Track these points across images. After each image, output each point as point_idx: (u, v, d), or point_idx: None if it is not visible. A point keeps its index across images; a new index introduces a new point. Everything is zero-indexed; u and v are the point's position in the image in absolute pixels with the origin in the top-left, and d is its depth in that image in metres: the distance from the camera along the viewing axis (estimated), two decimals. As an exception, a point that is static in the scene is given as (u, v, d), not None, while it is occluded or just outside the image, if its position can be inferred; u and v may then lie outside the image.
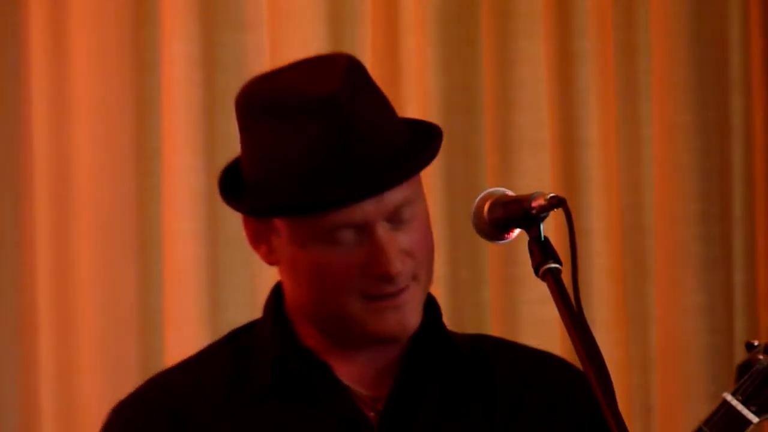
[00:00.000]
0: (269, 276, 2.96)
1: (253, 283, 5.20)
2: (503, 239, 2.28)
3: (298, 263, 2.38)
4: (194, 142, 5.34)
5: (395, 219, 2.29)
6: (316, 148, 2.28)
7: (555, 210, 2.20)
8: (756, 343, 3.05)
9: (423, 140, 2.38)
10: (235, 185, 2.41)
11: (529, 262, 2.21)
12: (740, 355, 3.32)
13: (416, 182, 2.35)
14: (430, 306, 2.42)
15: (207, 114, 5.36)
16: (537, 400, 2.43)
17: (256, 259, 2.58)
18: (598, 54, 5.52)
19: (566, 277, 2.17)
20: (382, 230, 2.26)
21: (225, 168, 2.46)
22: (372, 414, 2.38)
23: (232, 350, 2.53)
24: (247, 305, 5.07)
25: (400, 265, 2.25)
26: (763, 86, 5.56)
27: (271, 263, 2.45)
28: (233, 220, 3.36)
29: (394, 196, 2.24)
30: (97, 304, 5.37)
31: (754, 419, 2.92)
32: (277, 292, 2.51)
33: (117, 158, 5.53)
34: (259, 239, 2.40)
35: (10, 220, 5.45)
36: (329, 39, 5.54)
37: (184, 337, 5.15)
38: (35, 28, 5.45)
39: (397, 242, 2.28)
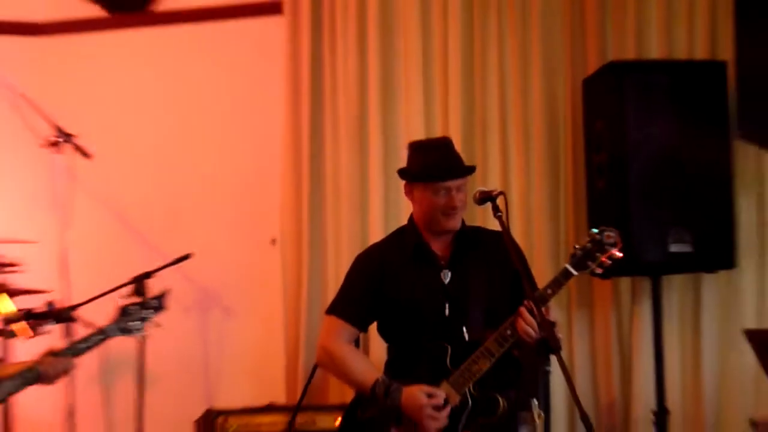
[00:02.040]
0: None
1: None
2: None
3: (422, 201, 4.95)
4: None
5: (458, 189, 4.87)
6: (439, 158, 5.01)
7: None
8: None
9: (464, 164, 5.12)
10: (402, 173, 5.08)
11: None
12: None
13: (466, 178, 4.99)
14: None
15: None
16: (497, 254, 4.88)
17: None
18: None
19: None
20: (454, 192, 4.84)
21: (401, 169, 5.12)
22: (443, 263, 5.01)
23: (398, 237, 5.26)
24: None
25: (457, 204, 4.84)
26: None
27: (410, 200, 5.06)
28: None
29: (459, 181, 4.89)
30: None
31: (574, 272, 4.71)
32: (412, 215, 5.12)
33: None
34: (408, 191, 5.03)
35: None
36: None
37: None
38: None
39: (457, 197, 4.84)
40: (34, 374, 4.44)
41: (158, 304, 4.82)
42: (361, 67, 6.90)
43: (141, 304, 4.74)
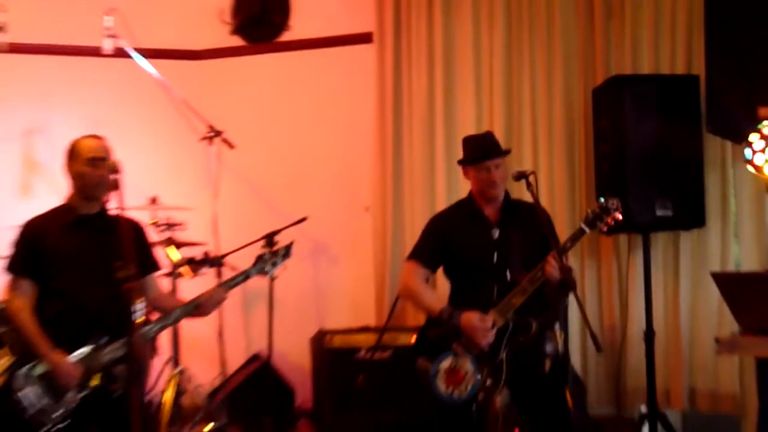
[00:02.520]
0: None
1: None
2: None
3: (473, 178, 5.17)
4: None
5: (496, 167, 5.07)
6: (480, 145, 5.20)
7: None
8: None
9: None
10: (460, 161, 5.29)
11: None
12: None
13: (501, 159, 5.13)
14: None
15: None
16: (531, 218, 4.98)
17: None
18: None
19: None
20: (493, 169, 5.07)
21: (460, 160, 5.28)
22: (493, 223, 5.11)
23: (459, 205, 5.40)
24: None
25: (495, 177, 5.05)
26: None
27: (468, 179, 5.23)
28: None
29: (496, 160, 5.10)
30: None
31: (587, 229, 4.93)
32: (471, 190, 5.22)
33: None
34: (465, 173, 5.24)
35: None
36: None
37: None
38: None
39: (496, 173, 5.06)
40: (195, 305, 4.72)
41: (286, 252, 5.02)
42: (429, 82, 7.07)
43: (272, 253, 4.93)
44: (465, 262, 5.20)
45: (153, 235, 6.30)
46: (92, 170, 4.65)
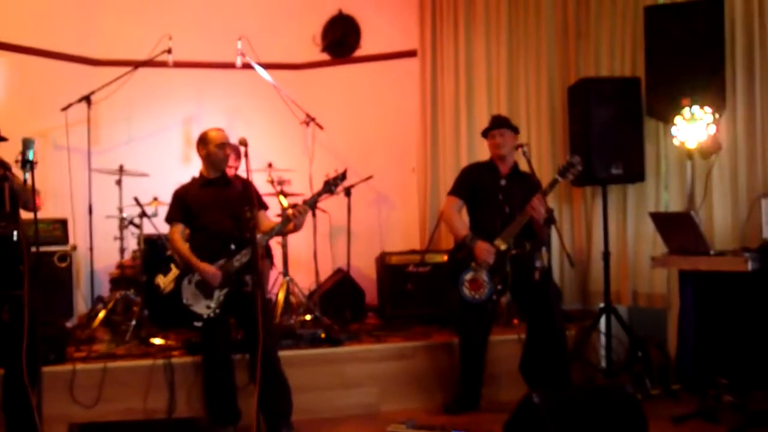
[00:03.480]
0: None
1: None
2: None
3: (488, 143, 5.14)
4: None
5: (500, 135, 5.08)
6: (492, 121, 5.17)
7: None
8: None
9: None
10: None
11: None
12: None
13: (503, 129, 5.12)
14: None
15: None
16: (527, 176, 4.99)
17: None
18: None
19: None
20: (498, 136, 5.08)
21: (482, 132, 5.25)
22: (503, 176, 5.09)
23: (481, 163, 5.31)
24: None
25: (499, 141, 5.05)
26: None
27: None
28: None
29: (501, 130, 5.12)
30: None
31: (560, 178, 4.95)
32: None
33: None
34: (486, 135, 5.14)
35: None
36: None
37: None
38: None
39: (500, 139, 5.07)
40: (287, 219, 4.70)
41: (342, 177, 4.84)
42: (455, 82, 7.00)
43: (334, 178, 4.79)
44: (482, 199, 5.20)
45: (269, 188, 6.42)
46: (218, 151, 4.92)
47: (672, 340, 5.73)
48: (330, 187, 4.78)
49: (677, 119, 5.39)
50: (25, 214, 4.11)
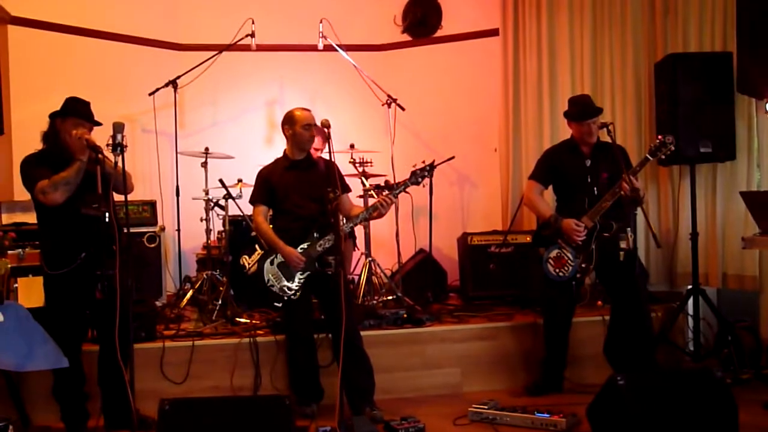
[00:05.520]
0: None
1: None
2: None
3: (576, 129, 5.08)
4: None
5: (593, 122, 4.95)
6: (583, 106, 5.06)
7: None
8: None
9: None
10: (566, 114, 5.15)
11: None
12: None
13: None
14: None
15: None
16: (613, 153, 4.86)
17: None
18: None
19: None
20: (591, 124, 4.97)
21: (565, 112, 5.19)
22: (587, 155, 5.03)
23: (563, 144, 5.24)
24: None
25: (593, 130, 4.96)
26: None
27: (570, 128, 5.13)
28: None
29: (595, 118, 4.98)
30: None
31: (650, 157, 4.85)
32: (572, 135, 5.14)
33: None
34: (569, 124, 5.11)
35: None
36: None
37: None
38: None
39: (593, 126, 4.97)
40: (374, 207, 4.73)
41: (430, 168, 4.84)
42: (538, 61, 6.89)
43: (421, 169, 4.78)
44: (567, 181, 5.16)
45: (351, 169, 6.48)
46: (305, 132, 4.89)
47: (764, 323, 5.61)
48: (416, 178, 4.78)
49: (771, 95, 5.24)
50: (116, 197, 4.25)
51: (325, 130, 4.49)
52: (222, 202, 6.14)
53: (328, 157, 4.62)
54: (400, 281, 6.41)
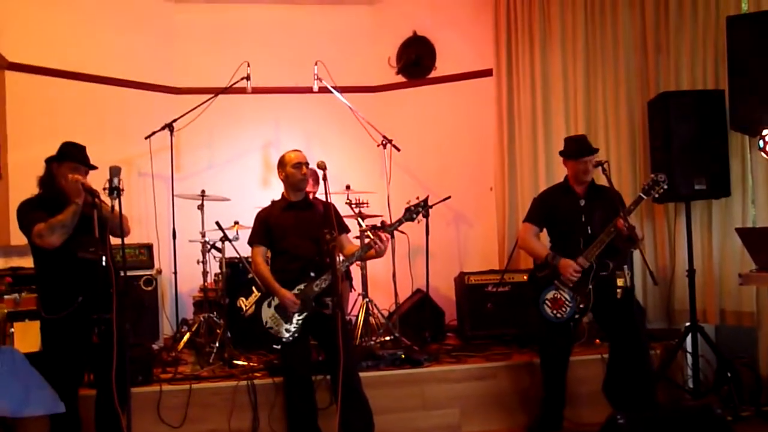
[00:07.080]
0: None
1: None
2: None
3: (571, 168, 5.03)
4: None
5: (589, 161, 4.90)
6: (579, 145, 5.05)
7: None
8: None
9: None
10: (561, 153, 5.13)
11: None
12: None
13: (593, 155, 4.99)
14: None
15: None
16: (607, 193, 4.87)
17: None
18: None
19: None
20: (587, 162, 4.92)
21: (561, 151, 5.12)
22: (582, 196, 4.96)
23: (558, 186, 5.20)
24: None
25: (589, 169, 4.89)
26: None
27: (565, 167, 5.09)
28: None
29: (591, 156, 4.94)
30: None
31: (644, 196, 4.86)
32: (567, 175, 5.06)
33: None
34: (565, 162, 5.06)
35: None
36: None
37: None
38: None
39: (589, 165, 4.92)
40: (368, 246, 4.68)
41: (423, 205, 4.77)
42: (532, 100, 6.97)
43: (415, 206, 4.73)
44: (562, 222, 5.13)
45: (347, 210, 6.46)
46: (296, 171, 4.95)
47: (763, 359, 5.59)
48: (411, 214, 4.77)
49: (764, 131, 5.27)
50: (113, 240, 4.26)
51: (321, 171, 4.51)
52: (219, 245, 6.14)
53: (324, 199, 4.64)
54: (397, 321, 6.38)
